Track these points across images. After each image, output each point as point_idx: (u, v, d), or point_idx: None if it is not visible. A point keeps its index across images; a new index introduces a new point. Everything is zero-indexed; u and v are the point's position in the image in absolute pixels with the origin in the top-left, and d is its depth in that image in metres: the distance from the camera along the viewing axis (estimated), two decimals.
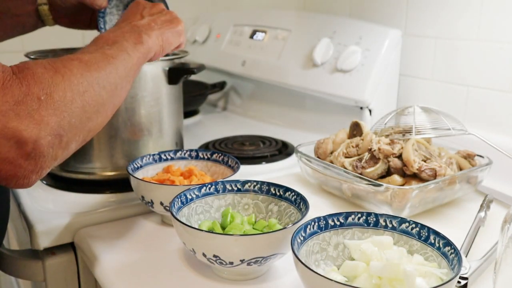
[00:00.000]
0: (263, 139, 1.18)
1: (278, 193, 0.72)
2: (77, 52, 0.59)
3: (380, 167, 0.81)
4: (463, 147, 0.90)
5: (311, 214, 0.63)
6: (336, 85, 1.15)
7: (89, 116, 0.56)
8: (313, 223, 0.60)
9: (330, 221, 0.62)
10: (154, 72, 0.88)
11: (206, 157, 0.88)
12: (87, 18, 0.91)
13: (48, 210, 0.81)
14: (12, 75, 0.49)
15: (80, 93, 0.54)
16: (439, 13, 1.09)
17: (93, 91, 0.56)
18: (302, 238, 0.58)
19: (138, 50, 0.66)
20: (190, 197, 0.70)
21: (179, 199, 0.68)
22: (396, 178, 0.80)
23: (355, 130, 0.94)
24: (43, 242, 0.76)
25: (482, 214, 0.77)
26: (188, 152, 0.89)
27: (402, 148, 0.82)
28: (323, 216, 0.62)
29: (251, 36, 1.40)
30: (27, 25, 0.89)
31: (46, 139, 0.50)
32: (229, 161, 0.85)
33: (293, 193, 0.70)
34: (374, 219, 0.62)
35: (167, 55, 0.96)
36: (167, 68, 0.90)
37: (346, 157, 0.87)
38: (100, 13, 0.87)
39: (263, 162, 1.05)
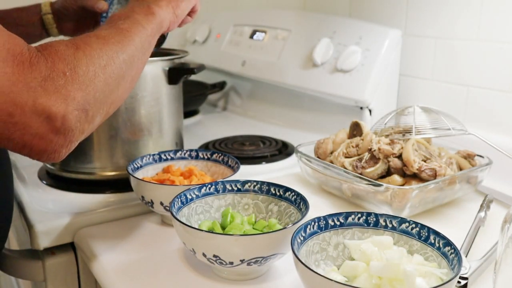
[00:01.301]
0: (263, 139, 1.18)
1: (278, 193, 0.72)
2: (94, 30, 0.60)
3: (380, 167, 0.81)
4: (463, 147, 0.90)
5: (311, 214, 0.63)
6: (336, 85, 1.15)
7: (111, 89, 0.57)
8: (313, 223, 0.60)
9: (330, 221, 0.62)
10: (154, 72, 0.88)
11: (206, 157, 0.88)
12: (91, 24, 0.92)
13: (48, 210, 0.81)
14: (37, 52, 0.51)
15: (102, 67, 0.55)
16: (439, 13, 1.09)
17: (113, 64, 0.57)
18: (302, 238, 0.58)
19: (151, 21, 0.66)
20: (190, 197, 0.70)
21: (179, 199, 0.68)
22: (396, 178, 0.80)
23: (355, 130, 0.94)
24: (43, 242, 0.76)
25: (482, 214, 0.77)
26: (188, 152, 0.89)
27: (402, 148, 0.82)
28: (323, 216, 0.62)
29: (251, 36, 1.40)
30: (32, 35, 0.90)
31: (74, 113, 0.51)
32: (229, 161, 0.85)
33: (293, 193, 0.70)
34: (374, 219, 0.62)
35: (166, 54, 0.96)
36: (167, 68, 0.90)
37: (346, 157, 0.87)
38: (102, 17, 0.88)
39: (263, 162, 1.05)
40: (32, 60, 0.49)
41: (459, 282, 0.61)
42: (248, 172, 0.98)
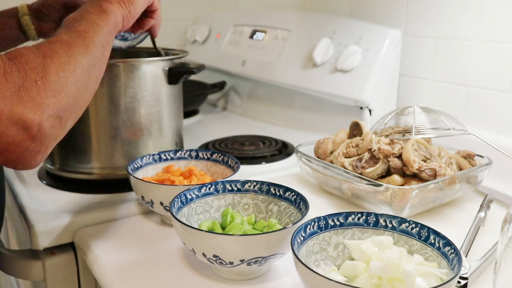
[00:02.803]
0: (263, 139, 1.18)
1: (278, 193, 0.72)
2: (54, 36, 0.61)
3: (380, 167, 0.81)
4: (463, 147, 0.90)
5: (311, 214, 0.63)
6: (336, 85, 1.15)
7: (81, 92, 0.59)
8: (313, 223, 0.60)
9: (330, 221, 0.62)
10: (154, 72, 0.88)
11: (206, 157, 0.88)
12: None
13: (48, 210, 0.81)
14: (9, 61, 0.51)
15: (71, 72, 0.56)
16: (439, 13, 1.09)
17: (81, 67, 0.58)
18: (302, 238, 0.58)
19: (105, 19, 0.67)
20: (190, 197, 0.70)
21: (179, 199, 0.68)
22: (396, 178, 0.80)
23: (355, 130, 0.94)
24: (43, 242, 0.76)
25: (482, 214, 0.77)
26: (188, 152, 0.89)
27: (402, 148, 0.82)
28: (323, 216, 0.62)
29: (251, 36, 1.40)
30: (9, 38, 0.89)
31: (49, 120, 0.53)
32: (229, 161, 0.85)
33: (293, 193, 0.70)
34: (374, 219, 0.62)
35: (167, 54, 0.96)
36: (167, 68, 0.90)
37: (346, 157, 0.87)
38: None
39: (263, 162, 1.05)
40: (6, 69, 0.50)
41: (459, 282, 0.61)
42: (248, 172, 0.98)
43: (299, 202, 0.68)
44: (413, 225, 0.61)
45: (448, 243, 0.56)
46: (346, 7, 1.33)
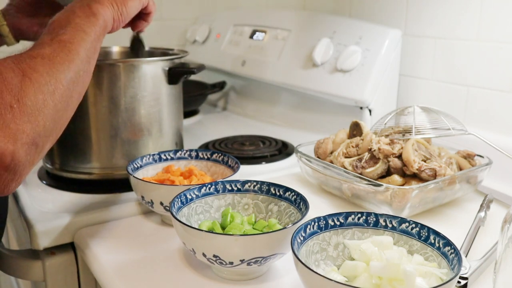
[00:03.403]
0: (263, 139, 1.18)
1: (278, 193, 0.72)
2: (37, 46, 0.57)
3: (380, 167, 0.81)
4: (463, 147, 0.90)
5: (311, 214, 0.63)
6: (336, 85, 1.15)
7: (61, 114, 0.55)
8: (313, 223, 0.60)
9: (330, 221, 0.62)
10: (154, 72, 0.88)
11: (206, 157, 0.88)
12: (47, 14, 0.86)
13: (48, 210, 0.81)
14: None
15: (50, 93, 0.53)
16: (439, 13, 1.09)
17: (61, 86, 0.55)
18: (302, 238, 0.58)
19: (93, 24, 0.63)
20: (190, 197, 0.70)
21: (179, 199, 0.68)
22: (396, 178, 0.80)
23: (355, 130, 0.94)
24: (43, 242, 0.76)
25: (482, 214, 0.77)
26: (188, 152, 0.89)
27: (402, 148, 0.82)
28: (323, 216, 0.62)
29: (251, 36, 1.40)
30: None
31: (23, 148, 0.49)
32: (229, 161, 0.85)
33: (293, 193, 0.70)
34: (374, 219, 0.62)
35: (166, 54, 0.96)
36: (167, 68, 0.90)
37: (346, 157, 0.87)
38: None
39: (263, 162, 1.05)
40: None
41: (459, 282, 0.61)
42: (248, 172, 0.98)
43: (299, 202, 0.68)
44: (413, 225, 0.61)
45: (448, 243, 0.57)
46: (346, 7, 1.33)
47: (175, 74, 0.90)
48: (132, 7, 0.71)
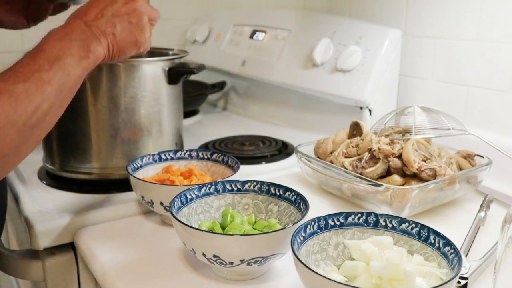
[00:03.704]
0: (263, 139, 1.18)
1: (278, 193, 0.72)
2: (11, 74, 0.54)
3: (380, 167, 0.81)
4: (463, 147, 0.90)
5: (311, 214, 0.63)
6: (336, 85, 1.15)
7: (7, 159, 0.52)
8: (313, 223, 0.60)
9: (330, 221, 0.62)
10: (154, 72, 0.88)
11: (206, 157, 0.88)
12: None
13: (48, 210, 0.81)
14: None
15: (1, 139, 0.50)
16: (439, 13, 1.09)
17: (13, 133, 0.51)
18: (302, 238, 0.58)
19: (82, 67, 0.60)
20: (190, 197, 0.70)
21: (179, 199, 0.68)
22: (396, 178, 0.80)
23: (355, 130, 0.94)
24: (43, 242, 0.76)
25: (482, 214, 0.77)
26: (188, 152, 0.89)
27: (402, 148, 0.82)
28: (323, 216, 0.62)
29: (251, 36, 1.40)
30: None
31: None
32: (229, 161, 0.85)
33: (293, 193, 0.70)
34: (374, 219, 0.62)
35: (166, 54, 0.96)
36: (167, 68, 0.90)
37: (346, 157, 0.87)
38: None
39: (263, 162, 1.05)
40: None
41: (459, 282, 0.61)
42: (248, 172, 0.98)
43: (299, 202, 0.68)
44: (413, 225, 0.61)
45: (448, 243, 0.56)
46: (346, 7, 1.33)
47: (175, 74, 0.90)
48: (127, 55, 0.68)
